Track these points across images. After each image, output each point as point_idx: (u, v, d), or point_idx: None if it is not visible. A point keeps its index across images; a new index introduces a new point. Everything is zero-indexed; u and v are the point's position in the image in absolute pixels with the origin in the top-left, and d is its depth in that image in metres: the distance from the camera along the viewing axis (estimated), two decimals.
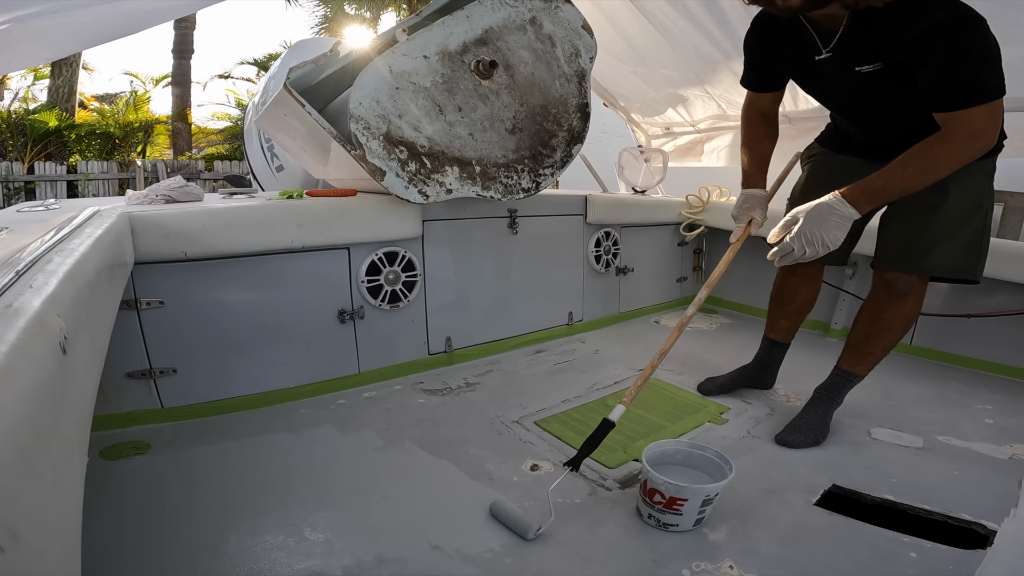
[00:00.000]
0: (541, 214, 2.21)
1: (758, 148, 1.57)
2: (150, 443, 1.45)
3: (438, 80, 1.67)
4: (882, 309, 1.47)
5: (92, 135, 8.75)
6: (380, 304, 1.83)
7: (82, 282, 0.74)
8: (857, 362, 1.55)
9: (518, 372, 2.02)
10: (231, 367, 1.61)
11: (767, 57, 1.46)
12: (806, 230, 1.26)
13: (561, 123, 1.93)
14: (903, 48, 1.14)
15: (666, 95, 2.71)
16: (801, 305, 1.72)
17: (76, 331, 0.63)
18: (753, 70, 1.53)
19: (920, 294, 1.44)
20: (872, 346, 1.51)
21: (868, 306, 1.52)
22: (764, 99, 1.55)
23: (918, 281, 1.42)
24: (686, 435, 1.58)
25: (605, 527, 1.20)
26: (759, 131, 1.58)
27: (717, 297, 2.98)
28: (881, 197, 1.24)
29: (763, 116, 1.57)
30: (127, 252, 1.28)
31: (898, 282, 1.43)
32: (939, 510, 1.23)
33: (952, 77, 1.10)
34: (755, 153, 1.57)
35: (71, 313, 0.64)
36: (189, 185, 1.64)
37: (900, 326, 1.47)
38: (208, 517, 1.18)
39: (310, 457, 1.42)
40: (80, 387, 0.63)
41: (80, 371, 0.64)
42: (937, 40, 1.09)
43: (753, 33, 1.46)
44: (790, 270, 1.69)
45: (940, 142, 1.17)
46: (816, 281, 1.70)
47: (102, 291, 0.91)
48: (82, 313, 0.71)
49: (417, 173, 1.68)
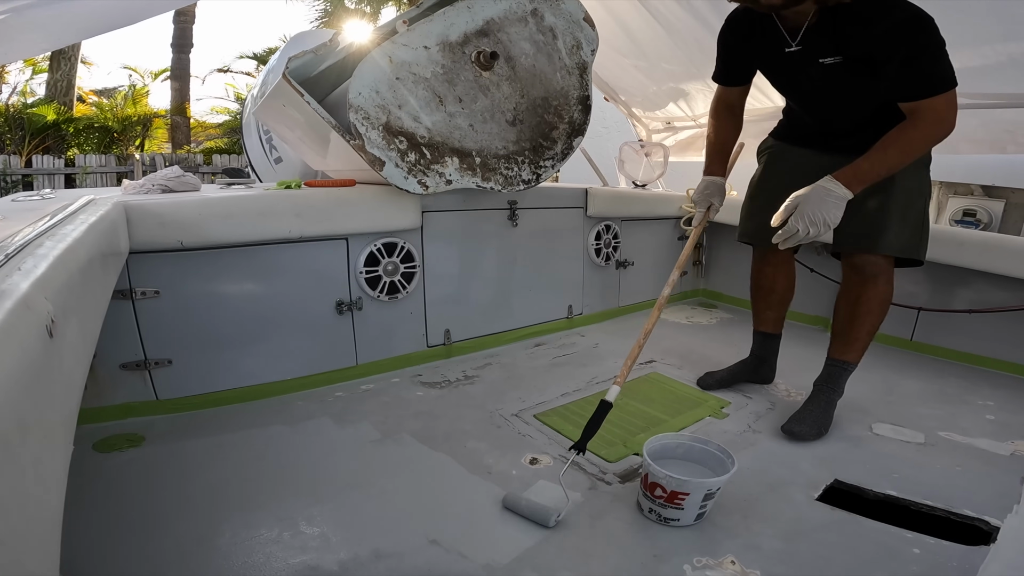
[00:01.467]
0: (541, 206, 2.19)
1: (721, 138, 1.66)
2: (144, 435, 1.43)
3: (438, 71, 1.65)
4: (858, 294, 1.54)
5: (90, 129, 8.69)
6: (378, 295, 1.82)
7: (73, 267, 0.73)
8: (846, 349, 1.58)
9: (517, 365, 2.00)
10: (227, 358, 1.59)
11: (739, 52, 1.53)
12: (808, 211, 1.32)
13: (562, 115, 1.91)
14: (865, 43, 1.24)
15: (667, 89, 2.69)
16: (782, 293, 1.77)
17: (65, 316, 0.62)
18: (724, 64, 1.60)
19: (889, 275, 1.52)
20: (857, 331, 1.55)
21: (844, 293, 1.59)
22: (731, 93, 1.63)
23: (884, 262, 1.50)
24: (687, 429, 1.57)
25: (605, 521, 1.18)
26: (724, 123, 1.66)
27: (717, 292, 2.97)
28: (870, 178, 1.32)
29: (729, 109, 1.65)
30: (122, 241, 1.26)
31: (866, 265, 1.51)
32: (942, 506, 1.23)
33: (915, 71, 1.23)
34: (718, 143, 1.66)
35: (60, 298, 0.62)
36: (186, 175, 1.62)
37: (878, 307, 1.53)
38: (202, 510, 1.16)
39: (306, 450, 1.40)
40: (67, 373, 0.62)
41: (68, 357, 0.62)
42: (899, 37, 1.20)
43: (727, 28, 1.53)
44: (764, 262, 1.76)
45: (912, 127, 1.27)
46: (789, 268, 1.76)
47: (94, 278, 0.89)
48: (72, 298, 0.69)
49: (417, 163, 1.66)
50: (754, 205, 1.71)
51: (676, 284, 2.86)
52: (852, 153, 1.39)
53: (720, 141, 1.66)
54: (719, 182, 1.64)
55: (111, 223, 1.14)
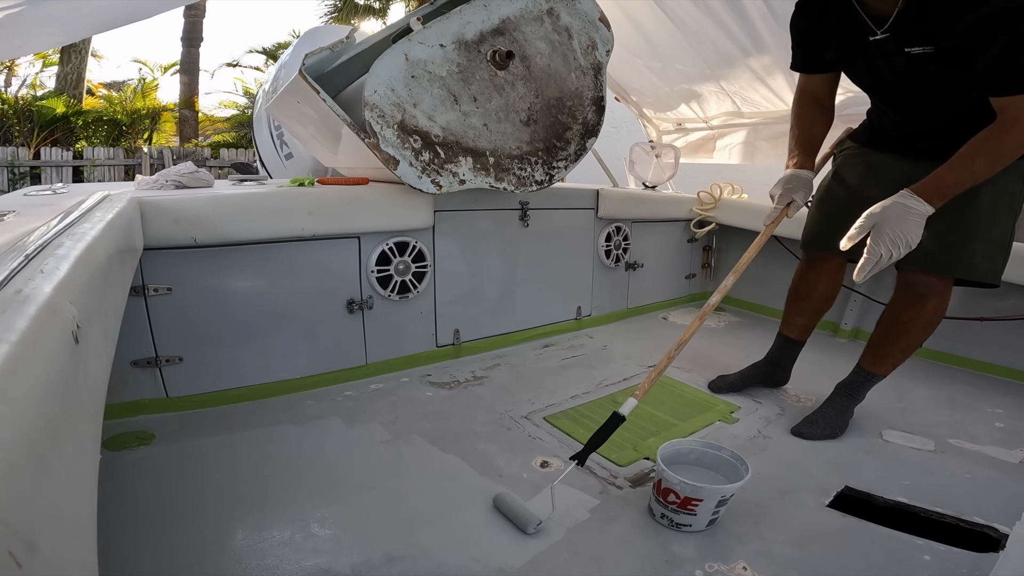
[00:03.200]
0: (553, 207, 2.19)
1: (808, 130, 1.51)
2: (154, 433, 1.43)
3: (454, 69, 1.64)
4: (900, 311, 1.46)
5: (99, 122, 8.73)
6: (389, 295, 1.81)
7: (93, 267, 0.72)
8: (876, 362, 1.55)
9: (526, 366, 2.00)
10: (238, 356, 1.59)
11: (812, 38, 1.42)
12: (888, 232, 1.20)
13: (576, 116, 1.90)
14: (959, 32, 1.13)
15: (680, 91, 2.68)
16: (818, 302, 1.69)
17: (88, 319, 0.61)
18: (800, 49, 1.48)
19: (943, 297, 1.41)
20: (890, 347, 1.50)
21: (889, 307, 1.51)
22: (815, 82, 1.49)
23: (940, 283, 1.40)
24: (697, 433, 1.56)
25: (617, 526, 1.18)
26: (809, 114, 1.52)
27: (726, 295, 2.95)
28: (953, 191, 1.20)
29: (815, 100, 1.51)
30: (136, 237, 1.26)
31: (918, 284, 1.41)
32: (952, 513, 1.22)
33: (1013, 62, 1.10)
34: (803, 134, 1.50)
35: (83, 300, 0.61)
36: (200, 171, 1.62)
37: (919, 329, 1.45)
38: (213, 511, 1.16)
39: (317, 450, 1.40)
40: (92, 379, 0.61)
41: (92, 361, 0.62)
42: (996, 26, 1.08)
43: (797, 14, 1.43)
44: (810, 266, 1.67)
45: (1003, 131, 1.15)
46: (837, 277, 1.65)
47: (113, 277, 0.89)
48: (94, 300, 0.69)
49: (431, 163, 1.65)
50: (822, 210, 1.58)
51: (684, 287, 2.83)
52: (937, 157, 1.25)
53: (806, 131, 1.50)
54: (806, 176, 1.46)
55: (127, 220, 1.13)
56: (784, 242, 2.48)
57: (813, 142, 1.52)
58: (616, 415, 1.27)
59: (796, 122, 1.55)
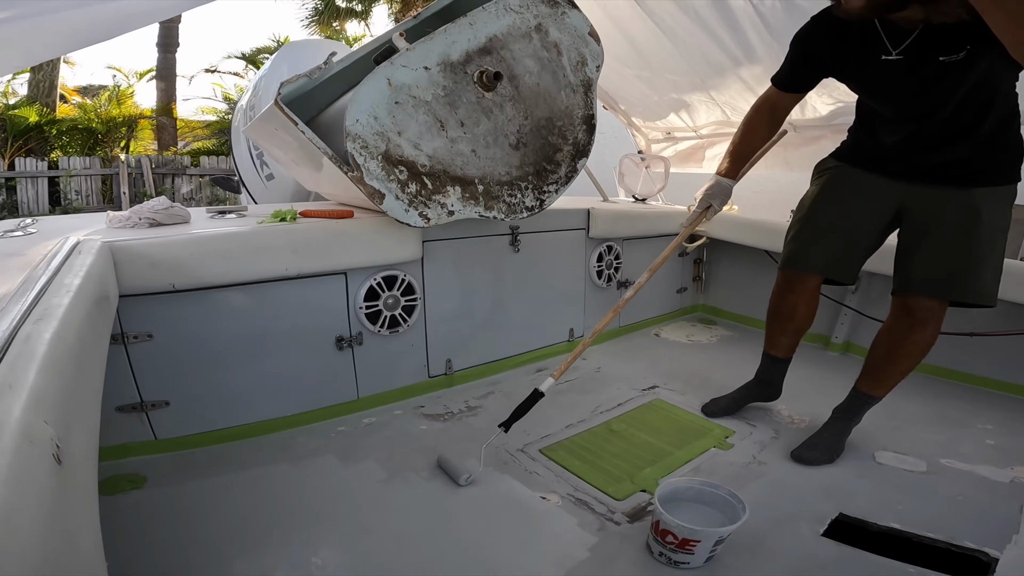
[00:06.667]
0: (543, 229, 2.16)
1: (750, 141, 1.59)
2: (146, 476, 1.40)
3: (439, 93, 1.61)
4: (903, 335, 1.47)
5: (74, 130, 8.53)
6: (379, 330, 1.78)
7: (67, 363, 0.68)
8: (876, 385, 1.56)
9: (520, 393, 1.95)
10: (225, 397, 1.55)
11: (820, 55, 1.41)
12: None
13: (567, 136, 1.88)
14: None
15: (669, 100, 2.66)
16: (800, 322, 1.69)
17: (66, 427, 0.58)
18: (794, 68, 1.48)
19: (940, 320, 1.43)
20: (891, 371, 1.52)
21: (888, 332, 1.51)
22: (785, 99, 1.54)
23: (939, 307, 1.41)
24: (692, 461, 1.56)
25: (617, 565, 1.18)
26: (761, 128, 1.58)
27: (716, 308, 2.96)
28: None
29: (773, 113, 1.57)
30: (111, 286, 1.22)
31: (920, 309, 1.42)
32: (943, 538, 1.23)
33: None
34: (743, 146, 1.59)
35: (59, 409, 0.58)
36: (174, 206, 1.57)
37: (920, 351, 1.47)
38: (211, 556, 1.14)
39: (312, 491, 1.38)
40: (80, 488, 0.58)
41: (78, 473, 0.58)
42: None
43: (815, 29, 1.40)
44: (788, 287, 1.66)
45: None
46: (815, 298, 1.66)
47: (87, 353, 0.85)
48: (71, 401, 0.65)
49: (417, 195, 1.62)
50: (806, 230, 1.57)
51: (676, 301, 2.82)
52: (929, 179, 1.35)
53: (747, 145, 1.58)
54: (726, 184, 1.58)
55: (99, 275, 1.09)
56: (775, 256, 2.49)
57: (749, 153, 1.60)
58: (536, 391, 1.48)
59: (745, 129, 1.59)
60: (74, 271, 1.00)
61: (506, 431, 1.45)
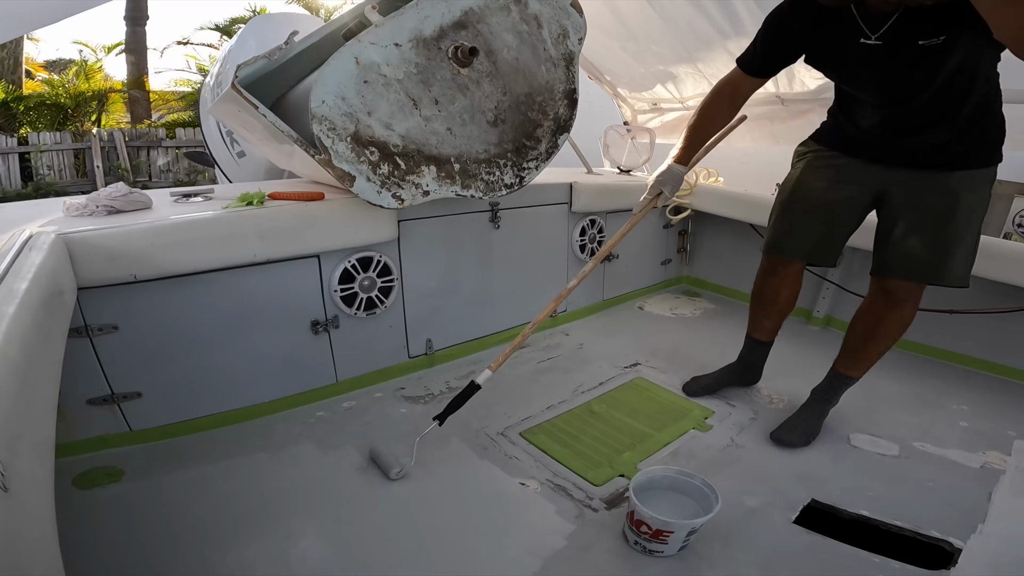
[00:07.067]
0: (525, 205, 2.11)
1: (706, 126, 1.55)
2: (123, 468, 1.38)
3: (412, 71, 1.52)
4: (881, 316, 1.49)
5: (42, 106, 8.19)
6: (355, 312, 1.74)
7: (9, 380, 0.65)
8: (854, 366, 1.58)
9: (501, 373, 1.93)
10: (200, 385, 1.53)
11: (794, 39, 1.36)
12: None
13: (547, 112, 1.80)
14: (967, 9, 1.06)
15: (655, 72, 2.57)
16: (783, 306, 1.70)
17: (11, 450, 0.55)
18: (764, 50, 1.42)
19: (918, 300, 1.46)
20: (870, 351, 1.54)
21: (866, 312, 1.53)
22: (748, 82, 1.49)
23: (917, 288, 1.43)
24: (671, 444, 1.57)
25: (593, 554, 1.20)
26: (720, 112, 1.54)
27: (700, 279, 2.95)
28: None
29: (734, 97, 1.52)
30: (67, 280, 1.16)
31: (898, 290, 1.44)
32: (910, 527, 1.26)
33: None
34: (700, 132, 1.55)
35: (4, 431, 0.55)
36: (133, 192, 1.49)
37: (898, 331, 1.49)
38: (193, 550, 1.15)
39: (291, 481, 1.37)
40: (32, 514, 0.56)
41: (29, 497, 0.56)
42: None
43: (791, 13, 1.35)
44: (771, 271, 1.66)
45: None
46: (798, 281, 1.67)
47: (38, 361, 0.81)
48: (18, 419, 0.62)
49: (390, 176, 1.55)
50: (787, 215, 1.57)
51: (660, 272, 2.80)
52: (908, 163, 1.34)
53: (704, 131, 1.55)
54: (678, 171, 1.55)
55: (51, 271, 1.04)
56: (759, 230, 2.46)
57: (703, 139, 1.57)
58: (473, 383, 1.47)
59: (703, 113, 1.53)
60: (23, 272, 0.95)
61: (440, 424, 1.44)
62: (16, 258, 1.01)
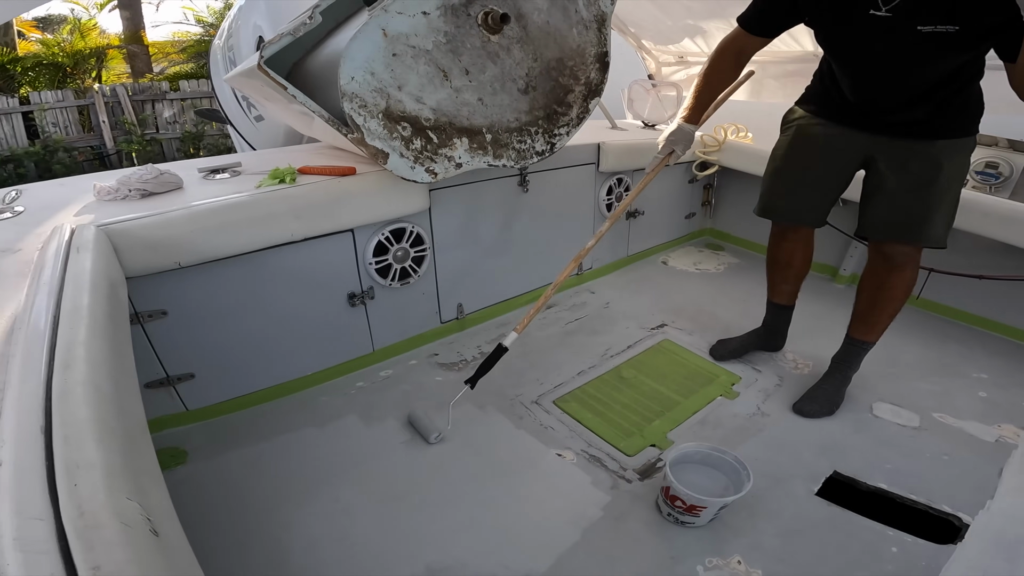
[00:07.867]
0: (553, 167, 2.06)
1: (714, 84, 1.54)
2: (186, 450, 1.47)
3: (440, 40, 1.44)
4: (883, 279, 1.54)
5: (40, 66, 7.87)
6: (390, 283, 1.77)
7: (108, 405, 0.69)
8: (868, 331, 1.62)
9: (530, 335, 2.02)
10: (246, 363, 1.59)
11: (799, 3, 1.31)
12: None
13: (578, 76, 1.72)
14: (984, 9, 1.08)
15: (684, 25, 2.40)
16: (798, 268, 1.75)
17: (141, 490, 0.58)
18: (766, 12, 1.40)
19: (917, 261, 1.51)
20: (879, 315, 1.59)
21: (869, 277, 1.58)
22: (752, 41, 1.46)
23: (913, 251, 1.48)
24: (699, 412, 1.64)
25: (627, 524, 1.28)
26: (727, 69, 1.52)
27: (724, 232, 2.92)
28: None
29: (738, 57, 1.50)
30: (115, 274, 1.17)
31: (896, 254, 1.49)
32: (924, 501, 1.32)
33: None
34: (708, 91, 1.54)
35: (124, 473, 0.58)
36: (164, 173, 1.46)
37: (903, 293, 1.54)
38: (264, 526, 1.25)
39: (339, 456, 1.45)
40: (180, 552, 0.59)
41: (171, 534, 0.60)
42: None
43: None
44: (783, 237, 1.71)
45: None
46: (810, 243, 1.72)
47: (127, 377, 0.85)
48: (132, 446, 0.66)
49: (423, 150, 1.52)
50: (778, 182, 1.63)
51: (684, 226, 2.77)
52: (893, 132, 1.37)
53: (712, 89, 1.54)
54: (689, 130, 1.56)
55: (104, 270, 1.05)
56: None
57: (711, 97, 1.56)
58: (500, 346, 1.52)
59: (709, 72, 1.52)
60: (79, 274, 0.96)
61: (472, 388, 1.52)
62: (67, 259, 1.02)
